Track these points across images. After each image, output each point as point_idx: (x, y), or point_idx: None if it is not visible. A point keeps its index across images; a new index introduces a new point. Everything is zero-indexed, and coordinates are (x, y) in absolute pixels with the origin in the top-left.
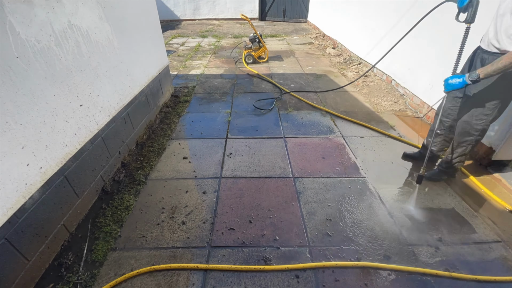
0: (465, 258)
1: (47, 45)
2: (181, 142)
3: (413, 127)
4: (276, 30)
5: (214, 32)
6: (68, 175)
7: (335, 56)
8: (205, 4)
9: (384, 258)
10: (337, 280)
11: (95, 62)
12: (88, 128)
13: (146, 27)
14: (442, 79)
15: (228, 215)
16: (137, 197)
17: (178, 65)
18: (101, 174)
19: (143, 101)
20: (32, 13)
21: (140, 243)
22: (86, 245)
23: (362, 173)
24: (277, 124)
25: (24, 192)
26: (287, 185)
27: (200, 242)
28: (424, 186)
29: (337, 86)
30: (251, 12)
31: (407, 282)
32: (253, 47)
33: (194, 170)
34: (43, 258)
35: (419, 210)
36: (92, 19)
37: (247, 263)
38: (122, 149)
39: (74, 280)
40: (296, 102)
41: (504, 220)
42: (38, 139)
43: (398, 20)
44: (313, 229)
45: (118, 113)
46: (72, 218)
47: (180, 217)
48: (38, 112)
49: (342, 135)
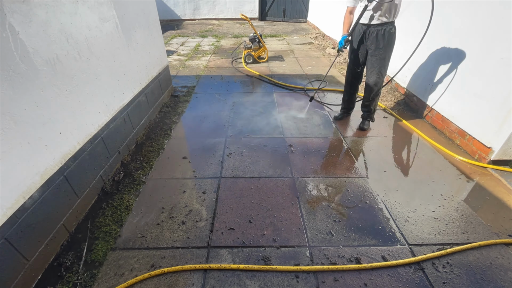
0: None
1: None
2: (181, 142)
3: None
4: (276, 30)
5: (214, 32)
6: (67, 175)
7: (335, 56)
8: (205, 4)
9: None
10: (336, 280)
11: (95, 63)
12: (86, 131)
13: (145, 27)
14: (441, 78)
15: (228, 215)
16: (137, 197)
17: (178, 65)
18: (101, 174)
19: (143, 101)
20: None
21: (140, 243)
22: (86, 245)
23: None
24: (277, 125)
25: (24, 192)
26: (287, 185)
27: (200, 242)
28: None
29: (337, 85)
30: (251, 12)
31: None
32: (253, 47)
33: (193, 170)
34: (43, 258)
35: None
36: (92, 19)
37: (247, 263)
38: (122, 149)
39: (73, 280)
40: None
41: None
42: (39, 137)
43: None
44: (313, 228)
45: (118, 113)
46: (72, 218)
47: (179, 217)
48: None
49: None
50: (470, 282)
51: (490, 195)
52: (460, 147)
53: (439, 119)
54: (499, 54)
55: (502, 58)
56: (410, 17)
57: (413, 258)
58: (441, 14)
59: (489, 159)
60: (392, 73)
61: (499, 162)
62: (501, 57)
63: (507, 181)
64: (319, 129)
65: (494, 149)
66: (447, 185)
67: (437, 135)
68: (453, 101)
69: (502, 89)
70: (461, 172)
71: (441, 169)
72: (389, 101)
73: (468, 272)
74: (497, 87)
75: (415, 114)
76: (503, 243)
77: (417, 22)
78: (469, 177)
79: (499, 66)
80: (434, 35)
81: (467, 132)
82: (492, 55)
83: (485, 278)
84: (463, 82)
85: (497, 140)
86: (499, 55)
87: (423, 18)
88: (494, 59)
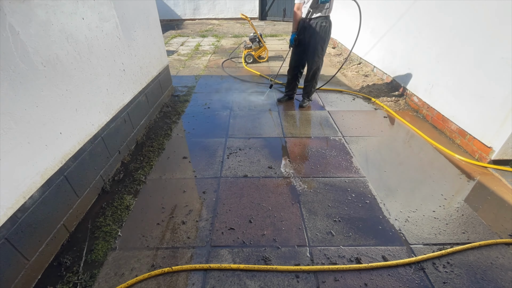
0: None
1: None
2: (181, 141)
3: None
4: (276, 29)
5: (214, 32)
6: (68, 174)
7: (335, 56)
8: (205, 4)
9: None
10: (336, 280)
11: (95, 63)
12: (85, 131)
13: (146, 26)
14: (441, 78)
15: (228, 215)
16: (137, 197)
17: (178, 64)
18: (101, 173)
19: (143, 100)
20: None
21: (140, 243)
22: (86, 245)
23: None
24: (277, 124)
25: (24, 191)
26: (287, 185)
27: (200, 241)
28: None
29: (337, 85)
30: (251, 12)
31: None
32: (253, 46)
33: (194, 169)
34: (43, 258)
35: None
36: (93, 19)
37: (247, 263)
38: (122, 148)
39: (74, 280)
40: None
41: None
42: (40, 137)
43: (398, 20)
44: (313, 228)
45: (118, 113)
46: (72, 218)
47: (180, 216)
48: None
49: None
50: (471, 282)
51: (490, 195)
52: (460, 146)
53: (440, 119)
54: (499, 54)
55: (502, 58)
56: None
57: (414, 258)
58: (441, 14)
59: (489, 159)
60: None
61: (499, 161)
62: (501, 57)
63: (507, 180)
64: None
65: (494, 149)
66: (448, 185)
67: (438, 135)
68: (454, 100)
69: (503, 88)
70: (461, 172)
71: (441, 168)
72: (389, 101)
73: (468, 272)
74: (498, 87)
75: (415, 113)
76: (503, 243)
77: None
78: (469, 177)
79: (499, 66)
80: (434, 35)
81: (467, 132)
82: (492, 55)
83: (485, 278)
84: (463, 81)
85: (497, 140)
86: (499, 55)
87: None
88: (494, 59)
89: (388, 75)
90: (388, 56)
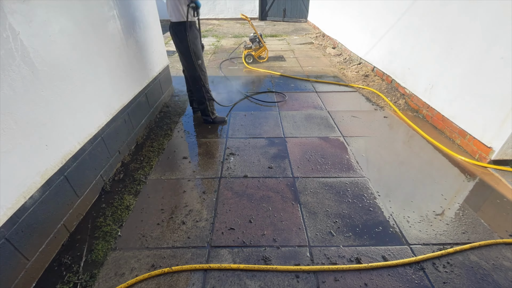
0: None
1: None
2: (181, 141)
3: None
4: (276, 30)
5: (214, 32)
6: (68, 174)
7: (335, 56)
8: (205, 4)
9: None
10: (336, 280)
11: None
12: (86, 131)
13: (146, 26)
14: (441, 78)
15: (228, 215)
16: (137, 197)
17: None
18: (101, 173)
19: (143, 101)
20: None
21: (140, 243)
22: (86, 245)
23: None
24: (277, 124)
25: (25, 191)
26: (287, 184)
27: (200, 242)
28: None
29: (336, 85)
30: (251, 12)
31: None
32: (253, 47)
33: (194, 169)
34: (43, 258)
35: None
36: (93, 19)
37: (247, 263)
38: (122, 148)
39: (74, 280)
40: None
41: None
42: (40, 137)
43: (397, 20)
44: (313, 228)
45: (118, 113)
46: (72, 218)
47: (180, 217)
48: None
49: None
50: (471, 282)
51: (490, 195)
52: (460, 146)
53: (440, 119)
54: (499, 54)
55: (502, 58)
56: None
57: (414, 258)
58: (441, 14)
59: (489, 159)
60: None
61: (499, 162)
62: (501, 56)
63: (507, 181)
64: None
65: (494, 149)
66: (448, 185)
67: (438, 135)
68: (454, 100)
69: (503, 89)
70: (461, 172)
71: (441, 168)
72: (389, 101)
73: (468, 272)
74: (497, 87)
75: (415, 113)
76: (503, 243)
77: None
78: (469, 177)
79: (499, 66)
80: (434, 35)
81: (467, 132)
82: (492, 55)
83: (485, 278)
84: (463, 81)
85: (497, 140)
86: (499, 55)
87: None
88: (494, 59)
89: (388, 75)
90: (388, 56)
